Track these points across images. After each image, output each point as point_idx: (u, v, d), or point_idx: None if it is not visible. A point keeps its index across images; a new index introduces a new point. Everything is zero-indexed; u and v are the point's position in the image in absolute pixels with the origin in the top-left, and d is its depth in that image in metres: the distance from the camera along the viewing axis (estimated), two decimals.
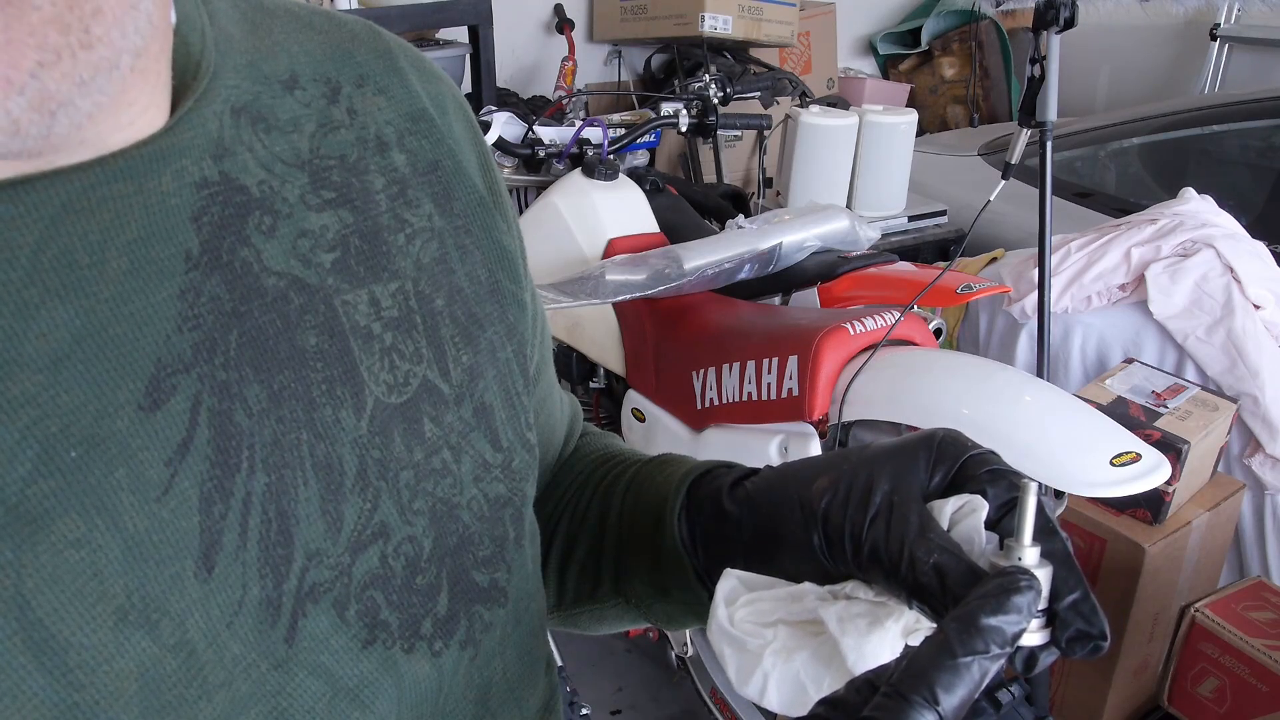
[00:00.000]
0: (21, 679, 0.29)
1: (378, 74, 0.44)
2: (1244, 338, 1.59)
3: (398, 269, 0.41)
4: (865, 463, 0.40)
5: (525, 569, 0.46)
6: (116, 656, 0.31)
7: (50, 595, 0.30)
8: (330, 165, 0.40)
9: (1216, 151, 2.40)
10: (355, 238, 0.40)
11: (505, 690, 0.46)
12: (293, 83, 0.40)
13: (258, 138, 0.37)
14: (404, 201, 0.42)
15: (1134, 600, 1.39)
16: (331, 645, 0.37)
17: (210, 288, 0.34)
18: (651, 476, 0.53)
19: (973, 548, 0.37)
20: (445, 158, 0.45)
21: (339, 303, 0.38)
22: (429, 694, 0.41)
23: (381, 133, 0.42)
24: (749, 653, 0.38)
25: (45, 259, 0.30)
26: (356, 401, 0.38)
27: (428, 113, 0.45)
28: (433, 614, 0.41)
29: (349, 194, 0.40)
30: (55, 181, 0.30)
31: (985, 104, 3.98)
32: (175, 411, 0.33)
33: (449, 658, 0.42)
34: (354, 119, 0.42)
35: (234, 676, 0.34)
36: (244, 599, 0.34)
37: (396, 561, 0.40)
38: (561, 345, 1.80)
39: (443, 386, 0.42)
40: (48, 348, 0.30)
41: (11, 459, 0.29)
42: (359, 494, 0.38)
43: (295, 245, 0.37)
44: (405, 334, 0.41)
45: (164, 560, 0.32)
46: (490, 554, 0.44)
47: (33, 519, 0.29)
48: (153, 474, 0.32)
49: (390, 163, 0.42)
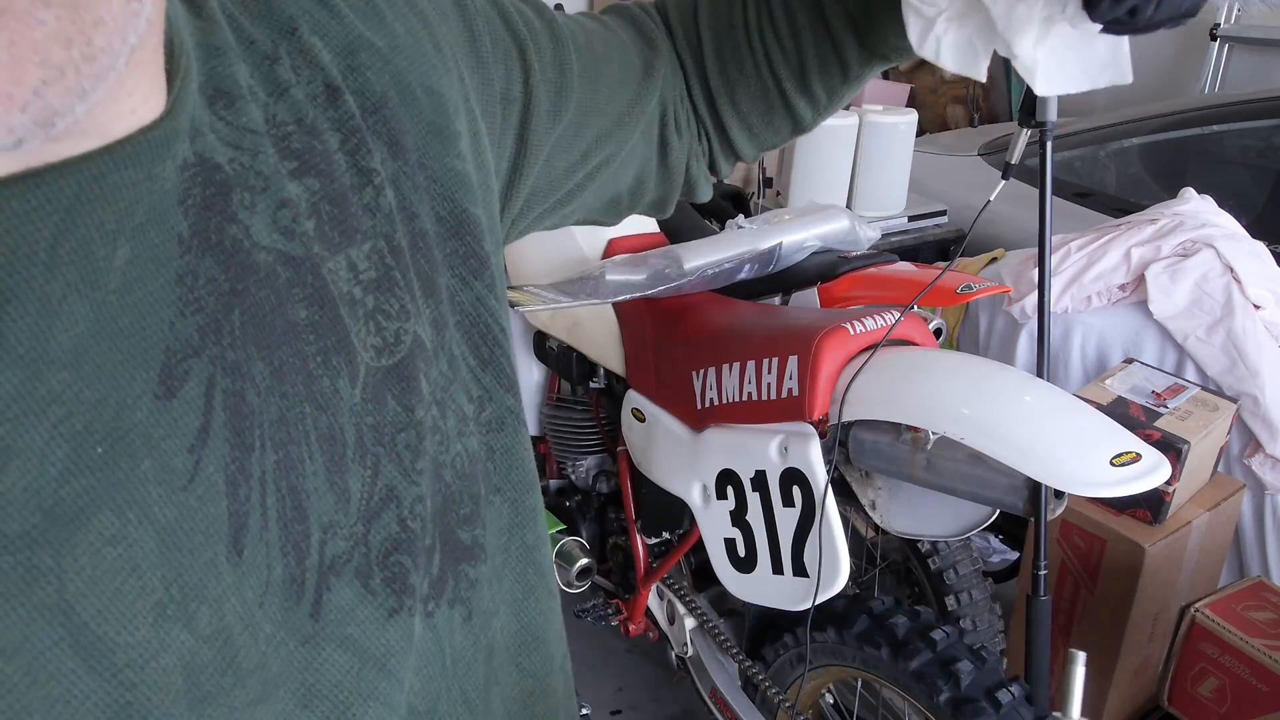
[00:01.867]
0: (73, 684, 0.29)
1: (305, 12, 0.42)
2: (1244, 338, 1.59)
3: (367, 228, 0.40)
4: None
5: (500, 522, 0.46)
6: (161, 652, 0.31)
7: (92, 597, 0.30)
8: (289, 132, 0.39)
9: (1216, 151, 2.40)
10: (325, 204, 0.39)
11: (515, 649, 0.46)
12: (237, 52, 0.39)
13: (218, 115, 0.36)
14: (365, 151, 0.41)
15: (1134, 600, 1.39)
16: (358, 616, 0.37)
17: (206, 269, 0.34)
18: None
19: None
20: (391, 87, 0.43)
21: (325, 270, 0.38)
22: (433, 657, 0.41)
23: (329, 78, 0.41)
24: (925, 18, 0.40)
25: (63, 252, 0.30)
26: (350, 369, 0.38)
27: (364, 39, 0.43)
28: (429, 575, 0.41)
29: (311, 159, 0.39)
30: (65, 173, 0.30)
31: (985, 104, 3.98)
32: (190, 397, 0.33)
33: (440, 618, 0.42)
34: (299, 75, 0.40)
35: (266, 658, 0.34)
36: (270, 579, 0.34)
37: (415, 523, 0.40)
38: (562, 345, 1.80)
39: (427, 340, 0.42)
40: (70, 343, 0.30)
41: (44, 460, 0.29)
42: (359, 462, 0.38)
43: (275, 218, 0.37)
44: (387, 293, 0.40)
45: (197, 548, 0.32)
46: (469, 512, 0.43)
47: (69, 519, 0.29)
48: (177, 462, 0.32)
49: (343, 111, 0.41)
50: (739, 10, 0.60)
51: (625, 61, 0.60)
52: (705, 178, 0.68)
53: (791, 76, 0.59)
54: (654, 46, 0.62)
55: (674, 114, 0.63)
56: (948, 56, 0.39)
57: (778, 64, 0.59)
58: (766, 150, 0.67)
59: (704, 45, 0.62)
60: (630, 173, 0.63)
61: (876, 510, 1.41)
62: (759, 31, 0.59)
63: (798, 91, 0.60)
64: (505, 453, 0.46)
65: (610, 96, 0.58)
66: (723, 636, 1.65)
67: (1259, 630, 1.36)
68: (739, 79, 0.61)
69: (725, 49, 0.61)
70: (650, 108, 0.61)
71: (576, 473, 1.94)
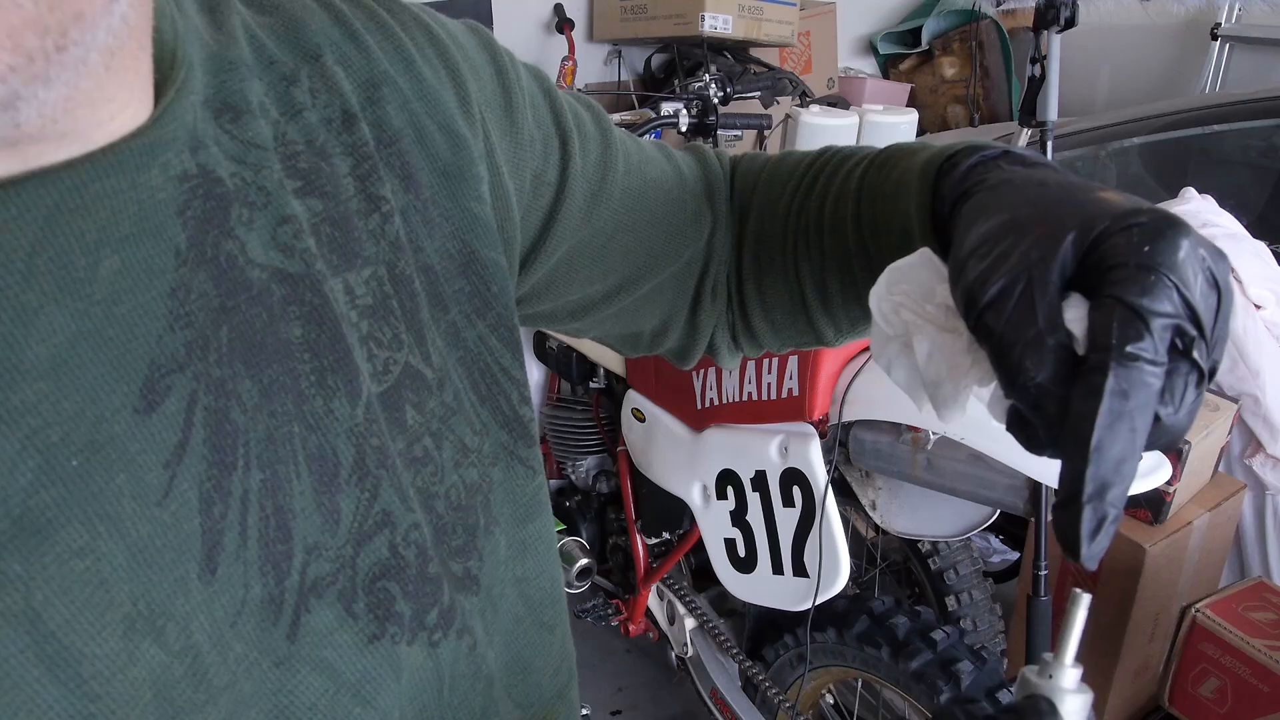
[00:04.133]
0: (37, 693, 0.29)
1: (333, 43, 0.42)
2: (1245, 338, 1.59)
3: (370, 254, 0.40)
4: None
5: (497, 555, 0.45)
6: (129, 665, 0.31)
7: (60, 607, 0.29)
8: (298, 151, 0.39)
9: (1217, 151, 2.40)
10: (325, 225, 0.39)
11: (507, 680, 0.46)
12: (252, 69, 0.39)
13: (223, 129, 0.36)
14: (376, 178, 0.41)
15: (1134, 600, 1.39)
16: (335, 640, 0.37)
17: (199, 284, 0.33)
18: (880, 195, 0.50)
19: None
20: (408, 126, 0.43)
21: (326, 289, 0.38)
22: (429, 686, 0.41)
23: (346, 105, 0.41)
24: (882, 332, 0.40)
25: (41, 262, 0.29)
26: (351, 389, 0.38)
27: (388, 75, 0.43)
28: (439, 604, 0.41)
29: (316, 180, 0.39)
30: (45, 182, 0.29)
31: (985, 104, 3.98)
32: (170, 413, 0.32)
33: (446, 648, 0.41)
34: (316, 99, 0.40)
35: (237, 677, 0.34)
36: (246, 598, 0.34)
37: (408, 550, 0.39)
38: (561, 345, 1.80)
39: (426, 371, 0.42)
40: (47, 353, 0.29)
41: (13, 469, 0.29)
42: (356, 484, 0.38)
43: (275, 234, 0.37)
44: (382, 320, 0.40)
45: (167, 565, 0.32)
46: (463, 543, 0.43)
47: (38, 529, 0.29)
48: (152, 478, 0.32)
49: (358, 138, 0.41)
50: (783, 206, 0.58)
51: (675, 199, 0.58)
52: (729, 349, 0.65)
53: (815, 294, 0.57)
54: (712, 199, 0.60)
55: (714, 275, 0.61)
56: (897, 376, 0.40)
57: (804, 277, 0.57)
58: (791, 348, 0.64)
59: (749, 223, 0.60)
60: (655, 314, 0.61)
61: (876, 510, 1.40)
62: (795, 235, 0.57)
63: (819, 308, 0.57)
64: (499, 487, 0.46)
65: (650, 223, 0.57)
66: (723, 637, 1.64)
67: (1260, 630, 1.36)
68: (768, 269, 0.59)
69: (763, 236, 0.59)
70: (689, 254, 0.59)
71: (576, 473, 1.93)
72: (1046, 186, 0.38)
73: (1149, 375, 0.31)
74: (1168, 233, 0.32)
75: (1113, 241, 0.33)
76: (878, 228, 0.50)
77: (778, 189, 0.59)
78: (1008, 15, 3.95)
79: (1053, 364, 0.32)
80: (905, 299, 0.39)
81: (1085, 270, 0.34)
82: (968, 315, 0.35)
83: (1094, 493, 0.31)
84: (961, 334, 0.37)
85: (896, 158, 0.51)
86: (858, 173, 0.53)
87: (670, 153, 0.61)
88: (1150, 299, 0.31)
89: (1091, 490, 0.31)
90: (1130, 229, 0.33)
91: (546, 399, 2.03)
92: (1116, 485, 0.31)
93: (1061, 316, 0.33)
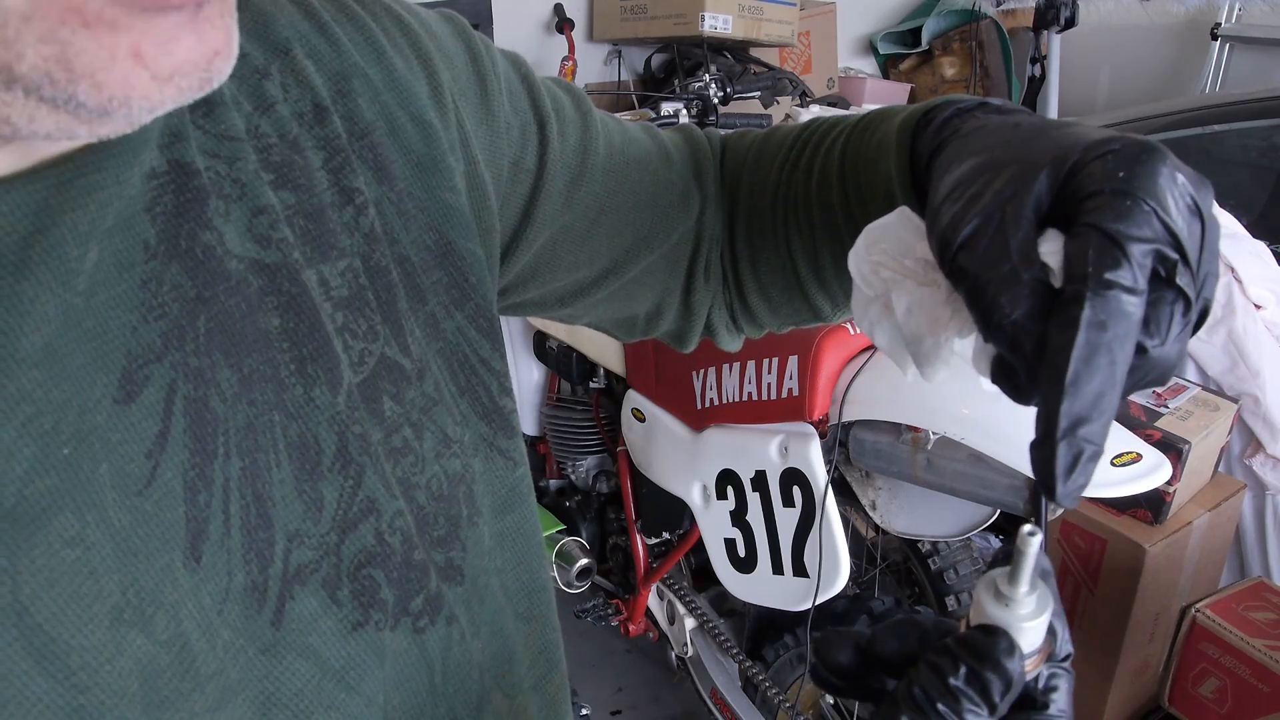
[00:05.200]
0: (25, 685, 0.29)
1: (303, 36, 0.42)
2: (1245, 338, 1.59)
3: (344, 246, 0.40)
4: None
5: (481, 546, 0.45)
6: (117, 655, 0.31)
7: (47, 599, 0.30)
8: (270, 144, 0.39)
9: (1217, 151, 2.40)
10: (299, 218, 0.39)
11: (499, 669, 0.46)
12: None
13: (195, 122, 0.36)
14: (349, 171, 0.41)
15: (1134, 600, 1.39)
16: (320, 627, 0.37)
17: (171, 276, 0.34)
18: (863, 161, 0.50)
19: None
20: (380, 118, 0.43)
21: (305, 278, 0.38)
22: (417, 673, 0.41)
23: (318, 99, 0.41)
24: (863, 295, 0.39)
25: (34, 253, 0.30)
26: (331, 377, 0.38)
27: (359, 67, 0.43)
28: (425, 590, 0.41)
29: (289, 173, 0.39)
30: (35, 176, 0.30)
31: None
32: (150, 403, 0.32)
33: (434, 635, 0.41)
34: (287, 94, 0.40)
35: (224, 665, 0.34)
36: (230, 586, 0.34)
37: (394, 537, 0.39)
38: (562, 345, 1.80)
39: (404, 362, 0.42)
40: (41, 342, 0.30)
41: (10, 458, 0.29)
42: (339, 472, 0.38)
43: (251, 225, 0.37)
44: (357, 312, 0.40)
45: (153, 553, 0.32)
46: (445, 533, 0.43)
47: (29, 520, 0.29)
48: (134, 467, 0.32)
49: (330, 131, 0.41)
50: (772, 181, 0.57)
51: (662, 179, 0.58)
52: (728, 329, 0.64)
53: (809, 268, 0.56)
54: (701, 178, 0.59)
55: (706, 254, 0.60)
56: (880, 339, 0.39)
57: (797, 252, 0.56)
58: (790, 326, 0.63)
59: (739, 200, 0.59)
60: (648, 296, 0.61)
61: (877, 510, 1.40)
62: (785, 210, 0.56)
63: (814, 282, 0.56)
64: (481, 478, 0.46)
65: (635, 205, 0.56)
66: (723, 637, 1.64)
67: (1259, 630, 1.36)
68: (761, 246, 0.58)
69: (754, 212, 0.58)
70: (678, 234, 0.59)
71: (576, 473, 1.93)
72: (1020, 128, 0.37)
73: (1128, 304, 0.29)
74: (1144, 158, 0.31)
75: (1088, 170, 0.32)
76: (863, 194, 0.50)
77: (766, 164, 0.58)
78: (1008, 15, 3.95)
79: (1028, 299, 0.30)
80: (883, 258, 0.38)
81: (1062, 203, 0.32)
82: (942, 260, 0.33)
83: (1068, 427, 0.29)
84: (940, 285, 0.35)
85: (876, 122, 0.50)
86: (840, 141, 0.53)
87: (656, 133, 0.60)
88: (1127, 224, 0.30)
89: (1066, 425, 0.29)
90: (1105, 156, 0.32)
91: (546, 399, 2.03)
92: (1095, 420, 0.29)
93: (1036, 250, 0.31)
